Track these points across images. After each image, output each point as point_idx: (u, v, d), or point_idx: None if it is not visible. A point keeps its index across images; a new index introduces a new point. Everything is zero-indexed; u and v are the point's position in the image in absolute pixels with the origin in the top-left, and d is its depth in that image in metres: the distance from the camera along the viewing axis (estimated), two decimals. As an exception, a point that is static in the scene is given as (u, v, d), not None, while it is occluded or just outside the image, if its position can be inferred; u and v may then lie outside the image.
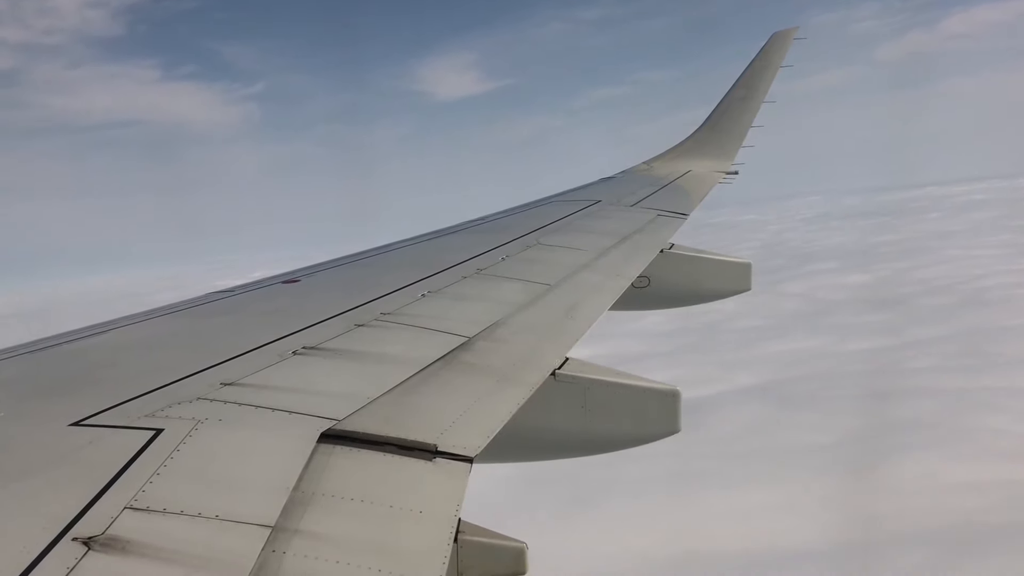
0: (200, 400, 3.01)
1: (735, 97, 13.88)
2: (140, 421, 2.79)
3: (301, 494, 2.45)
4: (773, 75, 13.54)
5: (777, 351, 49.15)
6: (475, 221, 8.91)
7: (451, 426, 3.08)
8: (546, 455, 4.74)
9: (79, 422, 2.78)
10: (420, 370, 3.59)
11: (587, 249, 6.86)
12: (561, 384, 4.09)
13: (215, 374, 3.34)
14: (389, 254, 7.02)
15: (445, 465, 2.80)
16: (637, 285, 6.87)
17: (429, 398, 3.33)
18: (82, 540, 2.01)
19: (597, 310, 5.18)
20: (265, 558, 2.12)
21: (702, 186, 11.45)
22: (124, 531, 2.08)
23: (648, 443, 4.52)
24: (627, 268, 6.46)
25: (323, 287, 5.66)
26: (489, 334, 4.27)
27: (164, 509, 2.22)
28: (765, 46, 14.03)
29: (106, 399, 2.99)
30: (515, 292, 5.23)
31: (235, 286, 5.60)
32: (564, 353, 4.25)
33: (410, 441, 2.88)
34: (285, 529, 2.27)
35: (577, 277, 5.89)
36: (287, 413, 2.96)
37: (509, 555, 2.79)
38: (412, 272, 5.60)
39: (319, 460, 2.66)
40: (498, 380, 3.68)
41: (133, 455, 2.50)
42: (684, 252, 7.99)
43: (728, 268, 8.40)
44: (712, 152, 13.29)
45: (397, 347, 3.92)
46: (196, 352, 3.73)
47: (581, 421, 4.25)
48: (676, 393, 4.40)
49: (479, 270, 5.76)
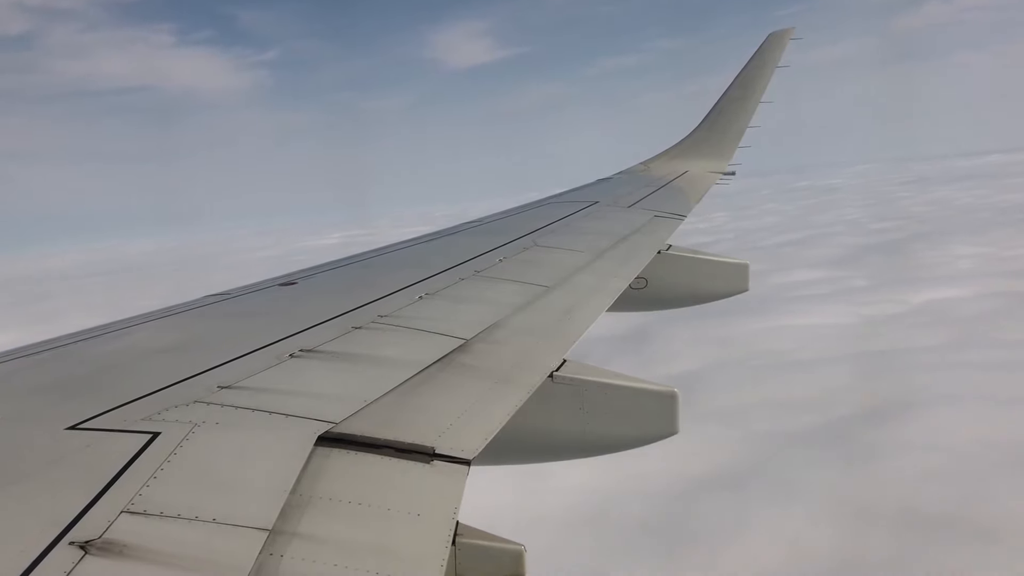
0: (197, 403, 3.01)
1: (732, 97, 13.91)
2: (137, 424, 2.79)
3: (299, 497, 2.45)
4: (770, 75, 13.58)
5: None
6: (472, 222, 8.92)
7: (449, 428, 3.08)
8: (544, 457, 4.73)
9: (75, 426, 2.77)
10: (418, 372, 3.59)
11: (585, 250, 6.86)
12: (559, 386, 4.08)
13: (212, 377, 3.33)
14: (386, 256, 7.03)
15: (443, 467, 2.80)
16: (635, 286, 6.87)
17: (427, 400, 3.33)
18: (79, 544, 2.01)
19: (595, 312, 5.18)
20: (263, 561, 2.12)
21: (699, 187, 11.47)
22: (121, 535, 2.08)
23: (647, 445, 4.52)
24: (624, 269, 6.46)
25: (320, 289, 5.66)
26: (487, 336, 4.27)
27: (161, 513, 2.22)
28: (762, 46, 14.07)
29: (103, 403, 2.99)
30: (513, 294, 5.23)
31: (231, 288, 5.60)
32: (562, 355, 4.25)
33: (408, 444, 2.88)
34: (283, 532, 2.26)
35: (575, 279, 5.89)
36: (284, 416, 2.95)
37: (507, 557, 2.79)
38: (409, 274, 5.60)
39: (316, 463, 2.65)
40: (496, 382, 3.68)
41: (130, 459, 2.50)
42: (682, 253, 7.99)
43: (726, 269, 8.41)
44: (709, 152, 13.32)
45: (395, 349, 3.92)
46: (193, 355, 3.73)
47: (579, 423, 4.24)
48: (674, 394, 4.40)
49: (477, 272, 5.77)
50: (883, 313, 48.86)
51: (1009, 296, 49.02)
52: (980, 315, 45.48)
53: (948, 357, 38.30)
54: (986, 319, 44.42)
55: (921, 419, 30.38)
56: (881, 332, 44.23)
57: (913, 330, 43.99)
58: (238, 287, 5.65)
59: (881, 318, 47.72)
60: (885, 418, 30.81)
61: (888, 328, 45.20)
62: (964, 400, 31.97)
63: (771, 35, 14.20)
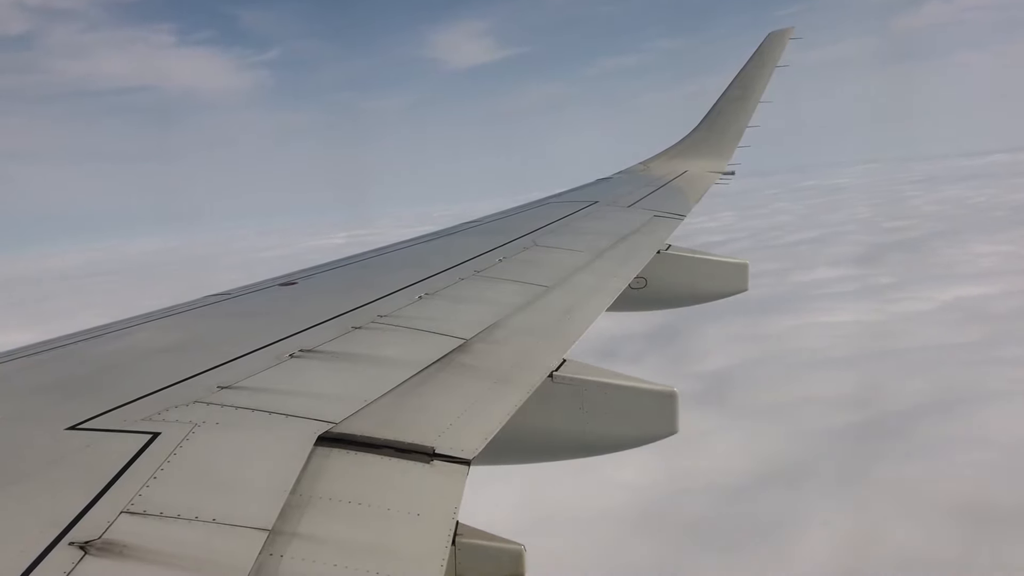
0: (197, 403, 3.01)
1: (731, 97, 13.91)
2: (137, 425, 2.79)
3: (299, 497, 2.45)
4: (769, 75, 13.58)
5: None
6: (472, 222, 8.92)
7: (449, 428, 3.08)
8: (544, 457, 4.73)
9: (75, 426, 2.78)
10: (417, 372, 3.59)
11: (584, 250, 6.86)
12: (559, 386, 4.08)
13: (212, 377, 3.33)
14: (386, 256, 7.03)
15: (443, 467, 2.80)
16: (634, 286, 6.87)
17: (427, 400, 3.33)
18: (79, 544, 2.01)
19: (594, 311, 5.18)
20: (263, 561, 2.12)
21: (699, 186, 11.47)
22: (121, 535, 2.08)
23: (646, 444, 4.52)
24: (624, 269, 6.46)
25: (320, 289, 5.66)
26: (486, 336, 4.27)
27: (161, 513, 2.22)
28: (761, 46, 14.07)
29: (102, 403, 2.99)
30: (512, 294, 5.23)
31: (231, 289, 5.60)
32: (561, 355, 4.25)
33: (408, 443, 2.88)
34: (283, 532, 2.26)
35: (574, 278, 5.89)
36: (284, 416, 2.96)
37: (507, 557, 2.79)
38: (409, 274, 5.60)
39: (316, 463, 2.66)
40: (496, 382, 3.68)
41: (130, 459, 2.50)
42: (681, 253, 8.00)
43: (725, 269, 8.41)
44: (709, 152, 13.32)
45: (394, 349, 3.92)
46: (192, 355, 3.73)
47: (579, 423, 4.25)
48: (674, 394, 4.40)
49: (476, 272, 5.77)
50: (911, 310, 48.76)
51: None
52: (1011, 312, 45.37)
53: (986, 354, 38.10)
54: (1018, 316, 44.27)
55: (973, 415, 30.21)
56: (913, 329, 44.14)
57: (945, 327, 43.80)
58: (238, 287, 5.65)
59: (910, 315, 47.66)
60: (935, 414, 30.67)
61: (919, 325, 45.07)
62: (1012, 396, 31.75)
63: (770, 35, 14.20)
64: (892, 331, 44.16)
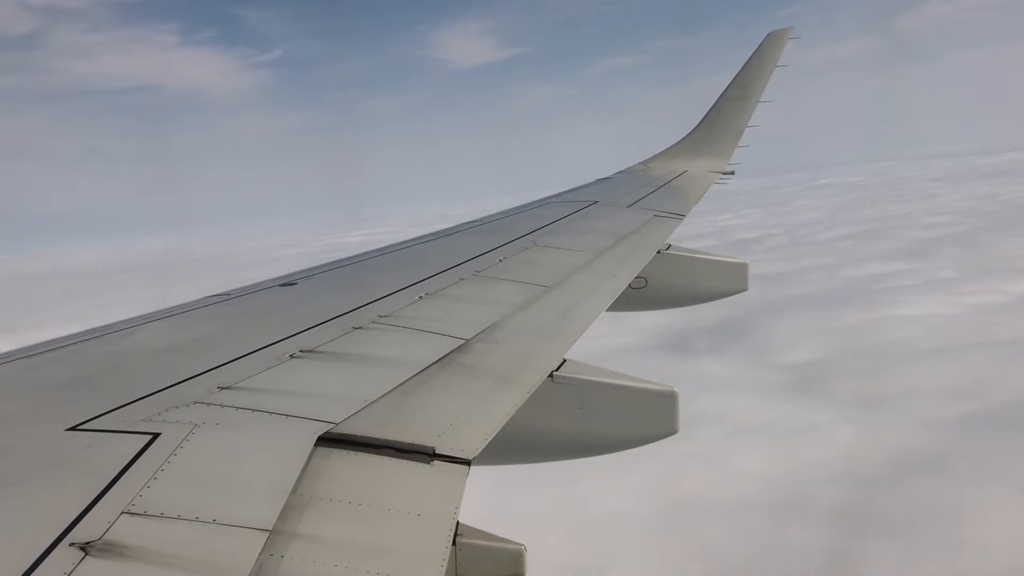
0: (197, 404, 3.01)
1: (731, 97, 13.90)
2: (137, 425, 2.78)
3: (299, 497, 2.45)
4: (769, 75, 13.58)
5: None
6: (472, 222, 8.92)
7: (449, 428, 3.08)
8: (544, 457, 4.73)
9: (76, 427, 2.77)
10: (417, 372, 3.58)
11: (584, 250, 6.86)
12: (559, 386, 4.08)
13: (212, 378, 3.33)
14: (386, 256, 7.02)
15: (443, 467, 2.80)
16: (634, 286, 6.87)
17: (427, 400, 3.33)
18: (79, 545, 2.01)
19: (595, 311, 5.18)
20: (263, 562, 2.12)
21: (699, 186, 11.47)
22: (121, 536, 2.08)
23: (647, 444, 4.52)
24: (624, 269, 6.46)
25: (320, 290, 5.66)
26: (487, 336, 4.27)
27: (162, 513, 2.22)
28: (761, 46, 14.06)
29: (102, 403, 2.99)
30: (513, 293, 5.23)
31: (231, 289, 5.59)
32: (562, 355, 4.25)
33: (408, 444, 2.88)
34: (283, 532, 2.26)
35: (574, 278, 5.89)
36: (284, 416, 2.95)
37: (507, 557, 2.79)
38: (409, 274, 5.60)
39: (317, 463, 2.65)
40: (496, 382, 3.67)
41: (130, 459, 2.50)
42: (681, 253, 8.00)
43: (725, 268, 8.42)
44: (708, 152, 13.32)
45: (394, 350, 3.92)
46: (193, 356, 3.72)
47: (579, 423, 4.25)
48: (674, 394, 4.40)
49: (476, 272, 5.76)
50: (987, 303, 48.03)
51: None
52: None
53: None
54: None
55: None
56: (999, 321, 43.30)
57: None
58: (238, 287, 5.65)
59: (988, 308, 46.90)
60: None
61: (1002, 317, 44.26)
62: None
63: (770, 34, 14.19)
64: (977, 323, 43.45)
